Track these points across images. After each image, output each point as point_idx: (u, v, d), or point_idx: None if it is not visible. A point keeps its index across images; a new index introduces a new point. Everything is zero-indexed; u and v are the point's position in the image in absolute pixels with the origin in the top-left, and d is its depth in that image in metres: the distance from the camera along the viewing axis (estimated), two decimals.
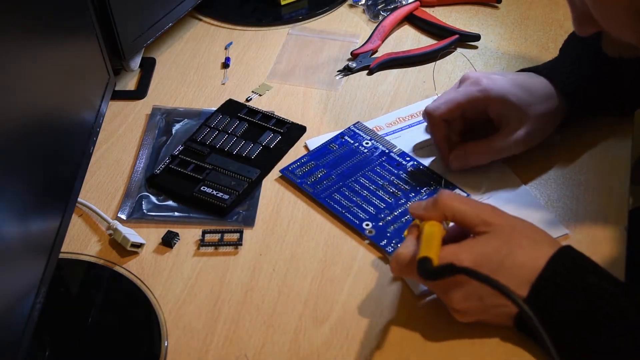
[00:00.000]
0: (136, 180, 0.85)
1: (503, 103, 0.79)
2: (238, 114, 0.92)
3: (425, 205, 0.68)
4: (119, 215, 0.81)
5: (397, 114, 0.92)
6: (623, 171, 0.82)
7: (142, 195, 0.83)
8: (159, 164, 0.85)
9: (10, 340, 0.58)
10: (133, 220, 0.81)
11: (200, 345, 0.70)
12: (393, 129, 0.90)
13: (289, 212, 0.81)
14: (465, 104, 0.81)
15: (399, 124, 0.90)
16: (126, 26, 0.93)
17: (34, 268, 0.63)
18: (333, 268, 0.75)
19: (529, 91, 0.80)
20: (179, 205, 0.82)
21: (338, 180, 0.83)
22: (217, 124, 0.90)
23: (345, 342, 0.69)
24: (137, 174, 0.86)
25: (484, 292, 0.64)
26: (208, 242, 0.78)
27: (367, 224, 0.78)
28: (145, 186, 0.84)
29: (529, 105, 0.79)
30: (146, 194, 0.83)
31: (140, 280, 0.75)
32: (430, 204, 0.68)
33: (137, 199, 0.83)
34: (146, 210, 0.82)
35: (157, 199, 0.83)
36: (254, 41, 1.05)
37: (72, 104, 0.75)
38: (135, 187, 0.84)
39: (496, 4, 1.09)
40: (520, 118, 0.79)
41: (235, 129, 0.90)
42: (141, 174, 0.86)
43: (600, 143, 0.85)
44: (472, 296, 0.65)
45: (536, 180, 0.82)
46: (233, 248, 0.77)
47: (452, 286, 0.65)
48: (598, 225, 0.76)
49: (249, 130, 0.90)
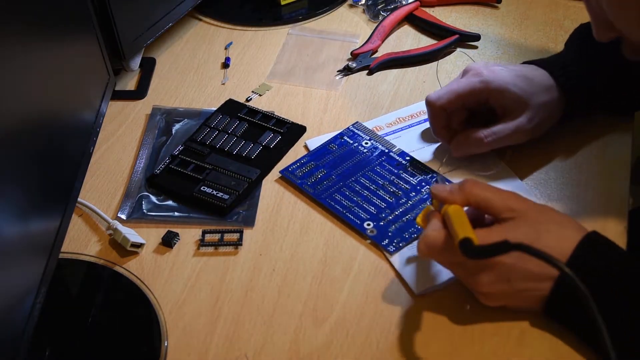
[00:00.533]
0: (136, 180, 0.85)
1: (504, 93, 0.80)
2: (238, 114, 0.91)
3: (451, 189, 0.69)
4: (119, 215, 0.81)
5: (397, 114, 0.92)
6: (623, 171, 0.82)
7: (142, 195, 0.83)
8: (159, 164, 0.85)
9: (10, 340, 0.58)
10: (133, 220, 0.81)
11: (200, 345, 0.70)
12: (393, 129, 0.90)
13: (289, 212, 0.81)
14: (466, 95, 0.81)
15: (399, 124, 0.90)
16: (126, 26, 0.93)
17: (34, 268, 0.63)
18: (333, 268, 0.75)
19: (530, 82, 0.81)
20: (179, 205, 0.82)
21: (338, 180, 0.83)
22: (217, 124, 0.90)
23: (345, 342, 0.69)
24: (137, 174, 0.86)
25: (513, 275, 0.65)
26: (208, 242, 0.78)
27: (369, 223, 0.78)
28: (145, 186, 0.84)
29: (530, 95, 0.80)
30: (146, 194, 0.83)
31: (140, 280, 0.75)
32: (456, 188, 0.69)
33: (137, 199, 0.83)
34: (146, 210, 0.82)
35: (157, 198, 0.83)
36: (254, 41, 1.05)
37: (72, 104, 0.75)
38: (135, 187, 0.84)
39: (496, 4, 1.09)
40: (522, 107, 0.80)
41: (235, 129, 0.90)
42: (141, 173, 0.86)
43: (600, 143, 0.85)
44: (501, 279, 0.66)
45: (536, 180, 0.82)
46: (233, 248, 0.77)
47: (481, 268, 0.66)
48: (598, 225, 0.75)
49: (249, 130, 0.90)
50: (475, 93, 0.81)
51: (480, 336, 0.68)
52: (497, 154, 0.84)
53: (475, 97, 0.81)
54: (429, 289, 0.72)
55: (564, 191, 0.80)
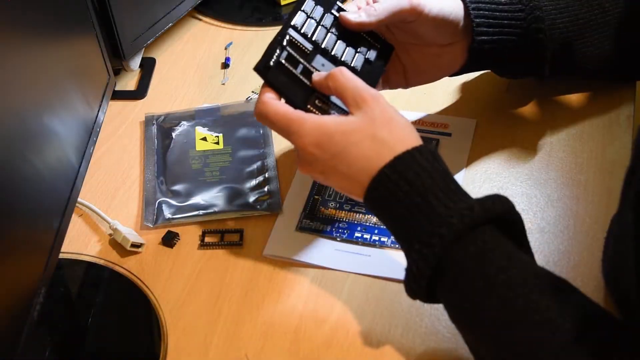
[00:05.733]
0: (150, 188, 0.84)
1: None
2: (331, 10, 0.77)
3: (324, 76, 0.69)
4: (145, 224, 0.80)
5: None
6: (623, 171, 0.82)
7: (161, 201, 0.82)
8: (268, 58, 0.71)
9: (10, 340, 0.58)
10: (161, 226, 0.80)
11: (200, 345, 0.70)
12: None
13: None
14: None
15: None
16: (126, 26, 0.93)
17: (34, 268, 0.63)
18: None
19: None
20: (200, 204, 0.81)
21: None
22: (313, 13, 0.75)
23: (345, 342, 0.69)
24: (150, 182, 0.85)
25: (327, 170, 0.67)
26: (208, 243, 0.78)
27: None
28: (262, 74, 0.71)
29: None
30: (164, 199, 0.82)
31: (140, 280, 0.75)
32: (325, 74, 0.69)
33: (157, 205, 0.82)
34: (170, 215, 0.81)
35: (177, 200, 0.82)
36: (254, 41, 1.05)
37: (72, 104, 0.75)
38: (151, 194, 0.83)
39: None
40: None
41: (332, 28, 0.76)
42: (153, 180, 0.85)
43: (601, 143, 0.85)
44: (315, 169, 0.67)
45: (536, 180, 0.82)
46: (234, 247, 0.77)
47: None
48: (598, 225, 0.76)
49: (345, 33, 0.76)
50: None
51: None
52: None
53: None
54: (275, 256, 0.75)
55: (564, 191, 0.80)
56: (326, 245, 0.77)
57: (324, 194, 0.81)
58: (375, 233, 0.77)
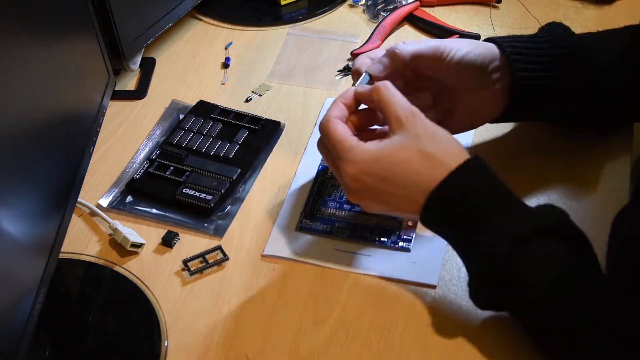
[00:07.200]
0: (130, 171, 0.85)
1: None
2: (211, 114, 0.91)
3: (367, 89, 0.70)
4: (99, 202, 0.81)
5: None
6: (623, 171, 0.82)
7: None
8: (139, 169, 0.84)
9: (10, 340, 0.58)
10: (113, 210, 0.81)
11: (200, 345, 0.70)
12: None
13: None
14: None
15: None
16: (126, 26, 0.93)
17: (34, 268, 0.63)
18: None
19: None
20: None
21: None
22: (191, 126, 0.89)
23: (345, 342, 0.69)
24: (133, 164, 0.86)
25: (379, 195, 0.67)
26: (195, 270, 0.75)
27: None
28: (124, 191, 0.83)
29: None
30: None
31: (140, 280, 0.75)
32: (369, 87, 0.70)
33: (123, 190, 0.83)
34: (128, 203, 0.82)
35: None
36: (254, 41, 1.05)
37: (72, 104, 0.75)
38: (126, 177, 0.85)
39: (496, 4, 1.09)
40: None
41: (210, 130, 0.89)
42: (138, 164, 0.86)
43: (600, 144, 0.85)
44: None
45: (536, 180, 0.82)
46: (219, 266, 0.76)
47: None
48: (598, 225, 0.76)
49: (224, 130, 0.89)
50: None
51: (481, 335, 0.68)
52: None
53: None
54: (275, 256, 0.76)
55: (564, 191, 0.80)
56: (326, 245, 0.77)
57: (324, 194, 0.81)
58: (376, 233, 0.77)
